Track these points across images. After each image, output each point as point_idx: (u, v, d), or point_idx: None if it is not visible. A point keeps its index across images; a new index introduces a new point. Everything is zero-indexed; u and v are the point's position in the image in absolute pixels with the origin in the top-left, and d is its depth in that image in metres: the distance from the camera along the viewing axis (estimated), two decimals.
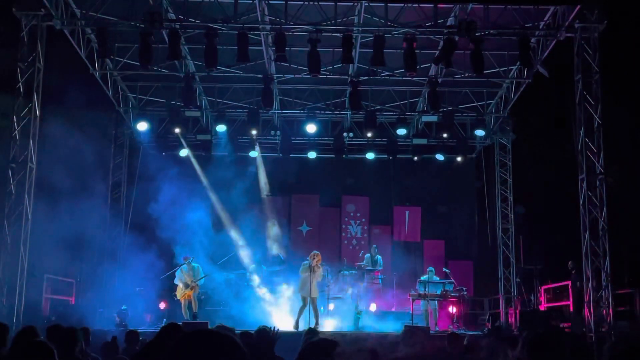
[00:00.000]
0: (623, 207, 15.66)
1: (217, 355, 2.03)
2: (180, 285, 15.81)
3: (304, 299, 14.48)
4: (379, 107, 18.10)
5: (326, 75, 15.75)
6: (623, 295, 14.70)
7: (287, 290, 16.67)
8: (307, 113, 17.82)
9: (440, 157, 19.05)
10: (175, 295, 16.04)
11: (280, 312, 16.32)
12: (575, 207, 13.94)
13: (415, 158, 19.15)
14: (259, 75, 15.74)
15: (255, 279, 17.19)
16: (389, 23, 13.98)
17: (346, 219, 21.01)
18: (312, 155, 19.02)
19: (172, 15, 14.05)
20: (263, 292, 16.92)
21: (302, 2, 13.81)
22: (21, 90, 13.19)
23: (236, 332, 4.13)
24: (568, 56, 14.12)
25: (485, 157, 19.56)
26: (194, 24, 14.17)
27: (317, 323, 14.00)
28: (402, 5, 13.84)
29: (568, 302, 15.54)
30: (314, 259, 14.49)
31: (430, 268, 16.67)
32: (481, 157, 19.69)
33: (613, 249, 13.47)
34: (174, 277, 16.14)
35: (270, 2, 13.86)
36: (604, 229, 13.39)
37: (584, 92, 13.71)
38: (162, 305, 16.78)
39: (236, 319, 14.55)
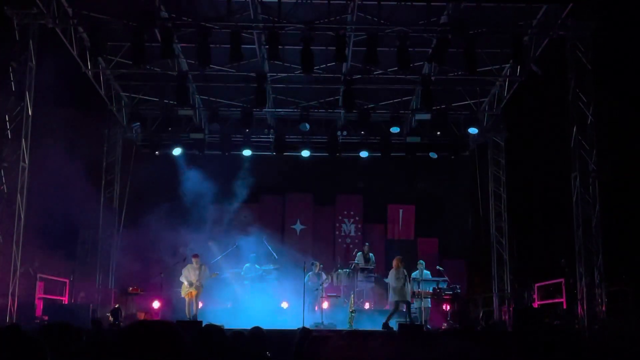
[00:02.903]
0: (616, 205, 15.71)
1: (157, 343, 2.15)
2: (185, 283, 15.71)
3: (397, 303, 14.70)
4: (373, 105, 18.11)
5: (319, 73, 15.74)
6: (616, 292, 14.76)
7: (281, 290, 16.66)
8: (300, 112, 17.80)
9: (433, 155, 19.08)
10: (181, 293, 15.95)
11: (274, 311, 16.31)
12: (568, 205, 13.98)
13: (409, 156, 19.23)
14: (252, 74, 15.69)
15: (249, 278, 17.17)
16: (382, 21, 13.98)
17: (340, 217, 21.04)
18: (305, 153, 18.99)
19: (164, 14, 14.00)
20: (258, 290, 16.90)
21: (295, 1, 13.78)
22: (13, 89, 13.14)
23: (225, 330, 4.11)
24: (561, 54, 14.16)
25: (479, 155, 19.58)
26: (186, 23, 14.13)
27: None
28: (395, 3, 13.84)
29: (561, 300, 15.58)
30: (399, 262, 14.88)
31: (421, 261, 16.59)
32: (475, 155, 19.71)
33: (606, 246, 13.51)
34: (167, 273, 16.01)
35: (264, 0, 13.83)
36: (597, 226, 13.44)
37: (577, 90, 13.76)
38: (156, 305, 16.71)
39: (233, 318, 14.53)
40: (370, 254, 17.90)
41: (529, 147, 19.14)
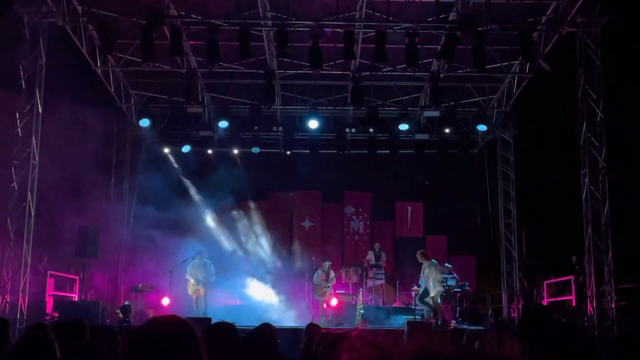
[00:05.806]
0: (626, 202, 15.64)
1: (171, 340, 2.14)
2: (192, 280, 15.72)
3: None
4: (381, 102, 18.10)
5: (328, 71, 15.72)
6: (625, 290, 14.71)
7: (289, 287, 16.70)
8: (309, 109, 17.81)
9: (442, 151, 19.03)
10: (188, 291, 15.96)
11: (283, 308, 16.37)
12: (577, 202, 13.93)
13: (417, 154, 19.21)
14: (261, 71, 15.72)
15: (258, 275, 17.23)
16: (390, 18, 13.95)
17: (348, 215, 21.04)
18: (313, 151, 18.97)
19: (173, 12, 14.03)
20: (266, 287, 16.95)
21: None
22: (23, 87, 13.21)
23: (237, 327, 4.13)
24: (570, 51, 14.10)
25: (488, 152, 19.53)
26: (195, 20, 14.16)
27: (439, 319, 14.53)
28: (404, 0, 13.82)
29: (570, 297, 15.55)
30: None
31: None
32: (483, 152, 19.66)
33: (616, 243, 13.45)
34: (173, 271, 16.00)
35: None
36: (607, 223, 13.39)
37: (586, 87, 13.69)
38: (165, 302, 16.78)
39: (240, 316, 14.57)
40: (382, 253, 17.92)
41: (538, 144, 19.07)
